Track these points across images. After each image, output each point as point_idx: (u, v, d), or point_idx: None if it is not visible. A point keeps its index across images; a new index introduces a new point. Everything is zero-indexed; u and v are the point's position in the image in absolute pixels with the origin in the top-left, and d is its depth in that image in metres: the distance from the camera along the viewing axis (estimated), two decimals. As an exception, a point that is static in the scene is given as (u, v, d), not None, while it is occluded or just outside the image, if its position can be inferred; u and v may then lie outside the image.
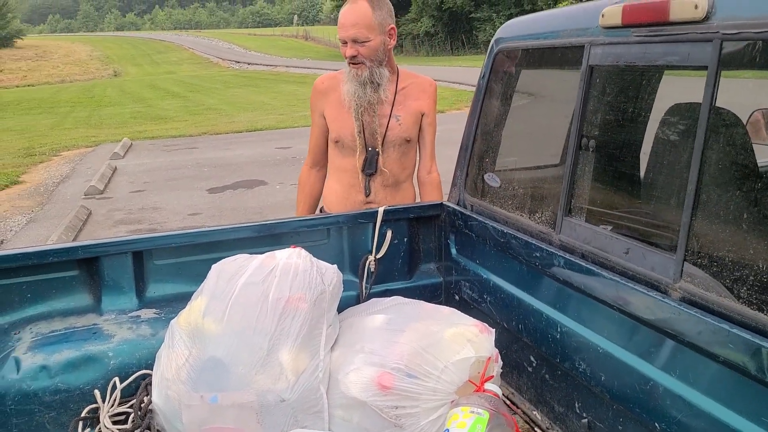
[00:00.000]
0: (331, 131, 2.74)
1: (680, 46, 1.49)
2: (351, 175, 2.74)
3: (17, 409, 1.95)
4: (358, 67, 2.60)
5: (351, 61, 2.60)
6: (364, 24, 2.54)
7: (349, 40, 2.57)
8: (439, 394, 1.77)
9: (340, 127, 2.70)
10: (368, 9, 2.55)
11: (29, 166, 12.04)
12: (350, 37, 2.56)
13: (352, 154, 2.72)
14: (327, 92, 2.74)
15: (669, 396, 1.46)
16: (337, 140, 2.73)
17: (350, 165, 2.74)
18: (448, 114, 16.06)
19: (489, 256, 2.26)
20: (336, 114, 2.71)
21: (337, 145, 2.74)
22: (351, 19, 2.56)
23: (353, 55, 2.57)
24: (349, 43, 2.57)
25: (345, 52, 2.60)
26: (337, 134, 2.72)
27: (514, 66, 2.29)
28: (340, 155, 2.76)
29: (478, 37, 39.89)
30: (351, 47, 2.57)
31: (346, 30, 2.57)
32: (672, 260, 1.50)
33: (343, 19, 2.58)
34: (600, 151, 1.86)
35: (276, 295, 1.86)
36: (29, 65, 52.27)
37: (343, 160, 2.75)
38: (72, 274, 2.16)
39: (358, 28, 2.54)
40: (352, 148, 2.71)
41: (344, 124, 2.69)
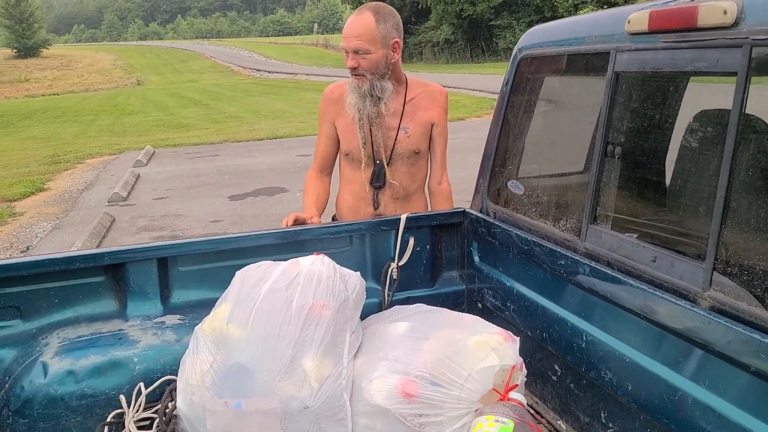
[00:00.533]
0: (342, 144, 2.73)
1: (709, 52, 1.48)
2: (360, 188, 2.74)
3: (44, 414, 1.98)
4: (359, 79, 2.58)
5: (352, 73, 2.59)
6: (366, 36, 2.52)
7: (350, 50, 2.55)
8: (463, 403, 1.76)
9: (350, 140, 2.69)
10: (372, 21, 2.53)
11: (54, 174, 12.22)
12: (351, 48, 2.54)
13: (359, 167, 2.71)
14: (338, 101, 2.70)
15: (698, 406, 1.44)
16: (347, 153, 2.72)
17: (359, 177, 2.72)
18: (468, 121, 16.04)
19: (512, 264, 2.25)
20: (346, 126, 2.70)
21: (347, 157, 2.73)
22: (354, 29, 2.54)
23: (353, 66, 2.56)
24: (351, 53, 2.56)
25: (347, 62, 2.60)
26: (347, 147, 2.71)
27: (538, 73, 2.28)
28: (350, 167, 2.75)
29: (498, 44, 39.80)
30: (352, 58, 2.56)
31: (348, 41, 2.56)
32: (701, 269, 1.48)
33: (347, 30, 2.56)
34: (626, 158, 1.84)
35: (300, 302, 1.87)
36: (55, 74, 53.14)
37: (352, 173, 2.75)
38: (98, 279, 2.19)
39: (360, 39, 2.52)
40: (361, 161, 2.69)
41: (352, 136, 2.68)
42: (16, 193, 10.29)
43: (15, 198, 10.06)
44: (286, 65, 52.20)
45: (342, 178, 2.83)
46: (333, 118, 2.73)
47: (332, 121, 2.73)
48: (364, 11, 2.55)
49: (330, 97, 2.75)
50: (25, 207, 9.52)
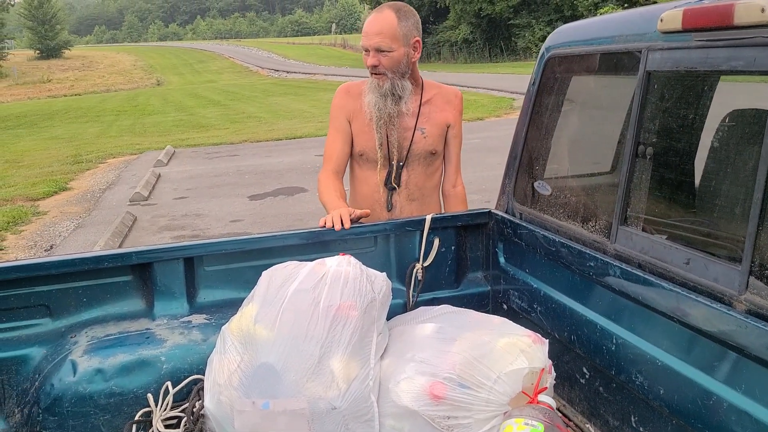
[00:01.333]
0: (356, 144, 2.66)
1: (745, 50, 1.45)
2: (374, 189, 2.67)
3: (73, 411, 1.99)
4: (380, 78, 2.54)
5: (373, 71, 2.55)
6: (388, 33, 2.48)
7: (371, 48, 2.51)
8: (492, 405, 1.74)
9: (365, 140, 2.63)
10: (394, 19, 2.49)
11: (77, 173, 12.36)
12: (373, 45, 2.50)
13: (374, 168, 2.66)
14: (355, 99, 2.65)
15: (734, 411, 1.42)
16: (362, 153, 2.66)
17: (373, 178, 2.67)
18: (487, 121, 15.99)
19: (539, 265, 2.23)
20: (361, 125, 2.64)
21: (362, 158, 2.67)
22: (375, 27, 2.50)
23: (374, 64, 2.52)
24: (372, 51, 2.51)
25: (366, 60, 2.55)
26: (361, 147, 2.65)
27: (566, 72, 2.26)
28: (363, 168, 2.69)
29: (517, 43, 39.60)
30: (373, 56, 2.51)
31: (369, 38, 2.51)
32: (737, 271, 1.46)
33: (368, 27, 2.52)
34: (657, 158, 1.82)
35: (327, 303, 1.87)
36: (76, 75, 53.79)
37: (365, 173, 2.69)
38: (126, 279, 2.21)
39: (382, 37, 2.48)
40: (376, 162, 2.65)
41: (368, 137, 2.63)
42: (39, 193, 10.41)
43: (38, 197, 10.19)
44: (305, 65, 52.35)
45: (354, 180, 2.75)
46: (349, 115, 2.65)
47: (348, 118, 2.65)
48: (384, 9, 2.52)
49: (346, 94, 2.69)
50: (49, 206, 9.64)
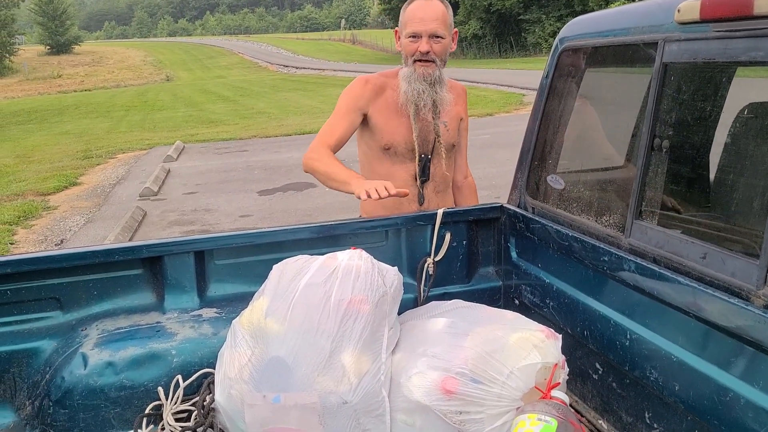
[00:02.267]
0: (381, 138, 2.60)
1: (765, 41, 1.42)
2: (403, 184, 2.57)
3: (84, 404, 1.99)
4: (428, 66, 2.49)
5: (423, 58, 2.48)
6: (442, 20, 2.47)
7: (426, 34, 2.45)
8: (504, 400, 1.73)
9: (393, 134, 2.58)
10: (443, 7, 2.50)
11: (87, 168, 12.42)
12: (429, 30, 2.45)
13: (403, 162, 2.62)
14: (377, 93, 2.59)
15: (751, 408, 1.39)
16: (389, 147, 2.59)
17: (401, 172, 2.62)
18: (497, 117, 15.93)
19: (552, 260, 2.21)
20: (386, 119, 2.58)
21: (388, 152, 2.61)
22: (431, 13, 2.45)
23: (428, 50, 2.46)
24: (425, 38, 2.45)
25: (416, 47, 2.47)
26: (388, 141, 2.59)
27: (580, 65, 2.23)
28: (389, 162, 2.63)
29: (527, 39, 39.44)
30: (427, 42, 2.45)
31: (424, 24, 2.44)
32: (755, 266, 1.43)
33: (421, 13, 2.45)
34: (673, 151, 1.79)
35: (338, 297, 1.85)
36: (86, 70, 53.99)
37: (392, 167, 2.63)
38: (136, 272, 2.20)
39: (438, 23, 2.45)
40: (404, 155, 2.61)
41: (397, 130, 2.58)
42: (50, 187, 10.47)
43: (49, 192, 10.24)
44: (314, 61, 52.38)
45: (374, 177, 2.62)
46: (367, 109, 2.58)
47: (365, 111, 2.59)
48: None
49: (367, 86, 2.61)
50: (59, 201, 9.69)
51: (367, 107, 2.59)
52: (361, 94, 2.60)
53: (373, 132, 2.62)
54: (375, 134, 2.62)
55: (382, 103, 2.58)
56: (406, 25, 2.51)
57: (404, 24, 2.53)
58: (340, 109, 2.63)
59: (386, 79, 2.63)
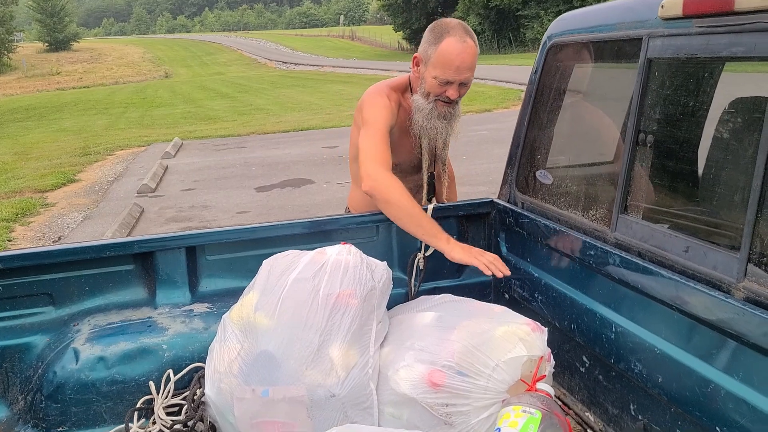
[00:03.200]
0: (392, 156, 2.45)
1: (746, 36, 1.44)
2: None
3: (76, 399, 2.01)
4: (450, 106, 2.40)
5: (446, 102, 2.38)
6: (474, 66, 2.35)
7: (457, 81, 2.33)
8: (490, 393, 1.74)
9: (401, 153, 2.54)
10: (476, 48, 2.35)
11: (85, 165, 12.42)
12: (463, 80, 2.34)
13: (404, 176, 2.54)
14: (397, 110, 2.51)
15: (731, 399, 1.41)
16: (396, 164, 2.51)
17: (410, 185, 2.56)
18: (495, 113, 15.93)
19: (540, 254, 2.23)
20: (398, 139, 2.51)
21: (395, 168, 2.49)
22: (467, 61, 2.30)
23: (455, 98, 2.37)
24: (457, 85, 2.34)
25: (444, 91, 2.35)
26: (398, 159, 2.51)
27: (568, 61, 2.24)
28: None
29: (526, 35, 39.40)
30: (456, 89, 2.35)
31: (461, 73, 2.31)
32: (735, 259, 1.45)
33: (459, 60, 2.29)
34: (658, 146, 1.81)
35: (326, 291, 1.87)
36: (85, 67, 53.96)
37: None
38: (128, 268, 2.22)
39: (472, 71, 2.34)
40: (407, 171, 2.59)
41: (405, 150, 2.55)
42: (48, 184, 10.47)
43: (47, 189, 10.25)
44: (313, 57, 52.32)
45: None
46: (393, 121, 2.48)
47: (392, 124, 2.47)
48: (467, 39, 2.31)
49: (392, 103, 2.49)
50: (57, 198, 9.69)
51: (394, 122, 2.49)
52: (392, 112, 2.48)
53: None
54: None
55: (397, 122, 2.52)
56: (438, 67, 2.32)
57: (435, 64, 2.32)
58: (381, 127, 2.43)
59: (400, 96, 2.54)
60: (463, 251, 2.22)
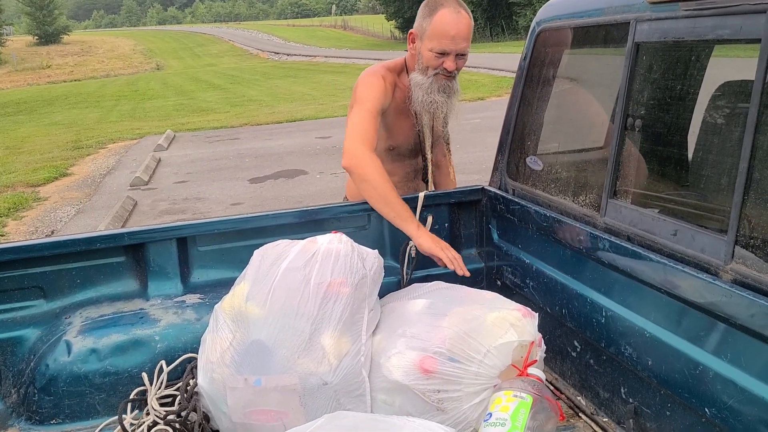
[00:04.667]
0: (387, 138, 2.55)
1: (732, 18, 1.44)
2: (400, 180, 2.61)
3: (69, 391, 2.02)
4: (449, 79, 2.42)
5: (447, 74, 2.40)
6: (469, 36, 2.38)
7: (454, 52, 2.36)
8: (481, 379, 1.75)
9: (398, 135, 2.57)
10: (470, 20, 2.38)
11: (77, 159, 12.36)
12: (460, 50, 2.36)
13: (402, 160, 2.63)
14: (392, 91, 2.51)
15: (719, 380, 1.43)
16: (393, 147, 2.57)
17: (400, 170, 2.64)
18: (488, 101, 15.91)
19: (531, 241, 2.23)
20: (395, 121, 2.54)
21: (392, 152, 2.58)
22: (462, 31, 2.33)
23: (453, 69, 2.39)
24: (454, 56, 2.36)
25: (441, 63, 2.37)
26: (394, 142, 2.57)
27: (557, 47, 2.24)
28: (390, 160, 2.59)
29: (518, 22, 39.29)
30: (452, 61, 2.37)
31: (457, 43, 2.34)
32: (723, 241, 1.46)
33: (453, 30, 2.32)
34: (646, 131, 1.81)
35: (318, 280, 1.87)
36: (75, 60, 53.61)
37: (392, 165, 2.60)
38: (119, 260, 2.22)
39: (467, 41, 2.38)
40: (405, 154, 2.62)
41: (402, 132, 2.57)
42: (40, 179, 10.43)
43: (39, 183, 10.21)
44: (305, 48, 52.09)
45: None
46: (386, 104, 2.48)
47: (385, 107, 2.47)
48: (461, 11, 2.35)
49: (387, 84, 2.48)
50: (49, 192, 9.66)
51: (387, 104, 2.50)
52: (386, 92, 2.48)
53: (381, 131, 2.52)
54: (382, 134, 2.53)
55: (393, 103, 2.52)
56: (434, 38, 2.35)
57: (429, 35, 2.36)
58: (371, 107, 2.41)
59: (396, 78, 2.55)
60: (432, 241, 2.27)
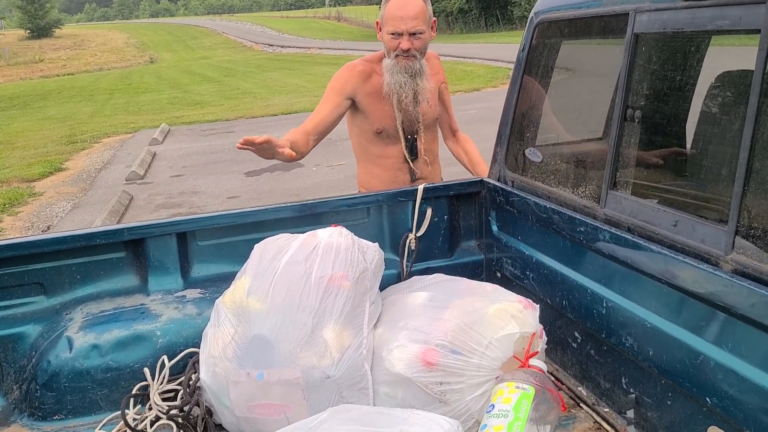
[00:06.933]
0: (372, 122, 2.73)
1: (731, 9, 1.44)
2: (396, 161, 2.78)
3: (71, 387, 2.02)
4: (410, 60, 2.59)
5: (404, 54, 2.58)
6: (421, 17, 2.56)
7: (406, 32, 2.55)
8: (483, 370, 1.76)
9: (382, 118, 2.71)
10: (421, 3, 2.58)
11: (72, 154, 12.32)
12: (409, 29, 2.55)
13: (394, 143, 2.76)
14: (363, 80, 2.70)
15: (720, 370, 1.43)
16: (380, 131, 2.73)
17: (394, 151, 2.77)
18: (484, 92, 15.90)
19: (531, 232, 2.24)
20: (373, 105, 2.70)
21: (380, 135, 2.75)
22: (411, 11, 2.54)
23: (409, 48, 2.56)
24: (406, 36, 2.56)
25: (398, 44, 2.57)
26: (379, 125, 2.72)
27: (555, 37, 2.24)
28: (383, 144, 2.77)
29: (513, 12, 39.21)
30: (408, 40, 2.57)
31: (405, 23, 2.55)
32: (723, 232, 1.47)
33: (402, 11, 2.54)
34: (646, 122, 1.81)
35: (319, 274, 1.88)
36: (68, 54, 53.27)
37: (386, 149, 2.78)
38: (119, 255, 2.21)
39: (418, 21, 2.55)
40: (395, 137, 2.74)
41: (386, 115, 2.70)
42: (35, 174, 10.40)
43: (34, 178, 10.17)
44: (299, 39, 51.89)
45: (367, 156, 2.83)
46: (354, 95, 2.69)
47: (351, 97, 2.69)
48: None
49: (354, 72, 2.71)
50: (45, 187, 9.63)
51: (354, 93, 2.69)
52: (347, 80, 2.69)
53: (365, 116, 2.74)
54: (367, 118, 2.74)
55: (369, 88, 2.69)
56: (387, 22, 2.60)
57: (385, 20, 2.62)
58: (325, 95, 2.72)
59: (372, 65, 2.73)
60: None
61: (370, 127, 2.74)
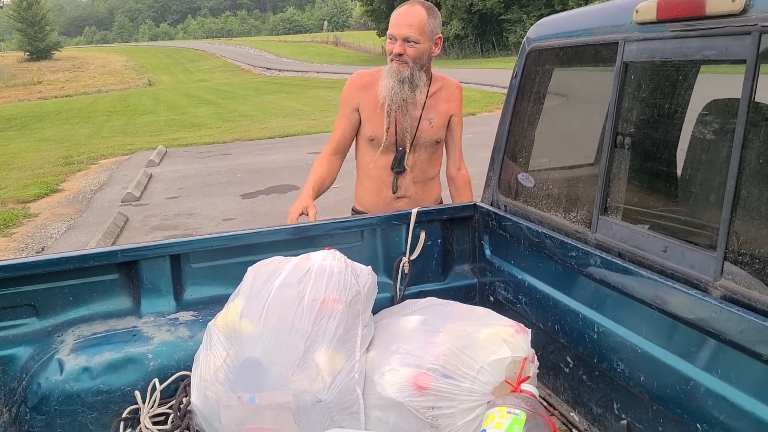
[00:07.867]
0: (366, 130, 2.80)
1: (717, 40, 1.47)
2: (384, 172, 2.83)
3: (61, 410, 2.00)
4: (401, 65, 2.66)
5: (396, 58, 2.66)
6: (418, 26, 2.63)
7: (400, 38, 2.64)
8: (475, 395, 1.76)
9: (375, 126, 2.77)
10: (424, 14, 2.65)
11: (68, 175, 12.31)
12: (402, 35, 2.64)
13: (385, 153, 2.80)
14: (366, 88, 2.79)
15: (711, 396, 1.44)
16: (372, 138, 2.79)
17: (382, 163, 2.81)
18: (479, 116, 15.99)
19: (523, 257, 2.25)
20: (371, 112, 2.77)
21: (372, 143, 2.80)
22: (408, 19, 2.64)
23: (400, 53, 2.64)
24: (399, 40, 2.64)
25: (392, 48, 2.66)
26: (372, 132, 2.78)
27: (547, 65, 2.27)
28: (374, 152, 2.81)
29: (509, 38, 39.63)
30: (400, 45, 2.64)
31: (399, 28, 2.64)
32: (712, 258, 1.48)
33: (399, 18, 2.65)
34: (636, 148, 1.84)
35: (312, 297, 1.88)
36: (67, 76, 53.50)
37: (376, 158, 2.82)
38: (112, 277, 2.21)
39: (412, 29, 2.63)
40: (387, 147, 2.78)
41: (379, 123, 2.76)
42: (30, 195, 10.38)
43: (29, 199, 10.15)
44: (297, 63, 52.29)
45: (361, 164, 2.90)
46: (358, 104, 2.79)
47: (356, 107, 2.79)
48: (416, 4, 2.67)
49: (358, 83, 2.82)
50: (40, 208, 9.61)
51: (357, 103, 2.80)
52: (349, 92, 2.83)
53: (363, 123, 2.82)
54: (364, 125, 2.82)
55: (370, 97, 2.77)
56: (389, 28, 2.72)
57: (389, 28, 2.73)
58: (340, 109, 2.87)
59: (376, 75, 2.80)
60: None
61: (364, 134, 2.82)
